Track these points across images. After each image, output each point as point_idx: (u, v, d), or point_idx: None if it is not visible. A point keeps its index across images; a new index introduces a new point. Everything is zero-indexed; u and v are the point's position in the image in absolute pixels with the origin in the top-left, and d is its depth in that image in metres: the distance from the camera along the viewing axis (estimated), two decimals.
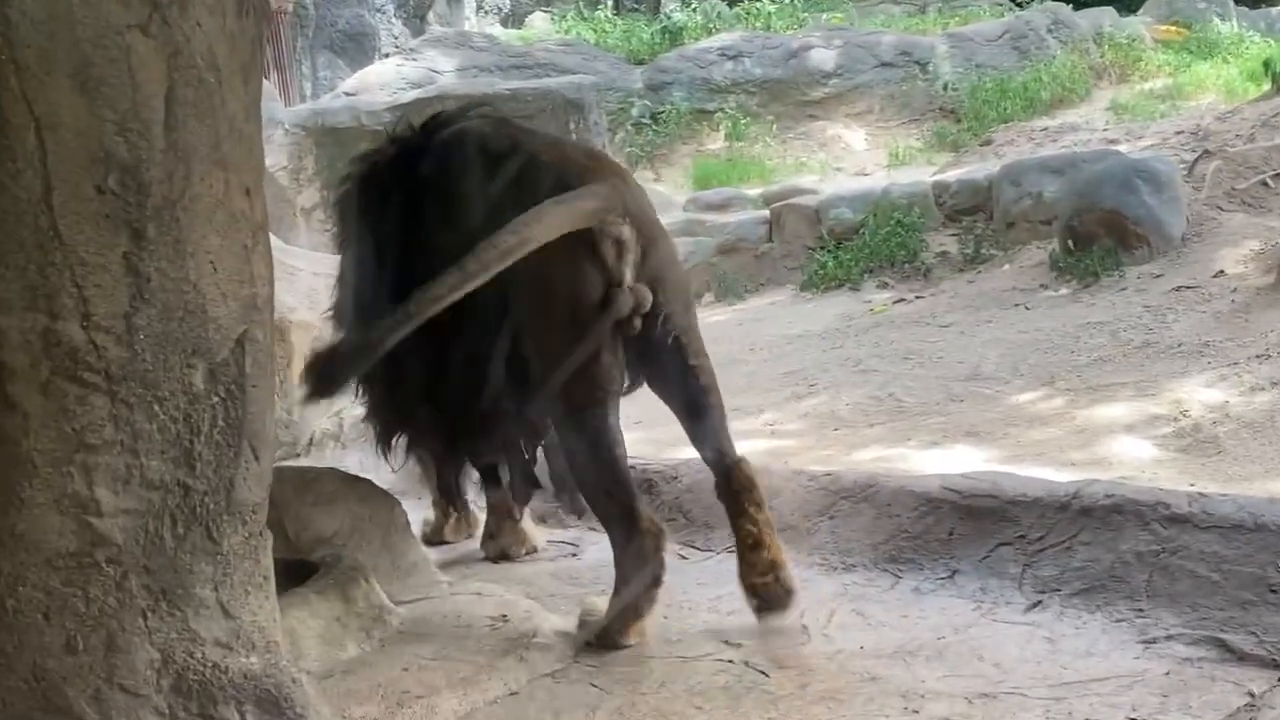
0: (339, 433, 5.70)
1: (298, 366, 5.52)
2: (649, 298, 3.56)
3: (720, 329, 9.58)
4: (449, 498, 4.53)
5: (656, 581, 3.46)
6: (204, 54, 2.25)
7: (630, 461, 4.70)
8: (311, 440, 5.72)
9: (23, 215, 2.14)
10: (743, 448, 5.77)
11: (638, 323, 3.56)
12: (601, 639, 3.45)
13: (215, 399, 2.27)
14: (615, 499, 3.57)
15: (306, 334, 5.47)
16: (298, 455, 5.54)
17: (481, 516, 4.69)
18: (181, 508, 2.29)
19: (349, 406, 5.75)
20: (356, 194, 4.03)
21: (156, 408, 2.24)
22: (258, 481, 2.39)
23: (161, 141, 2.22)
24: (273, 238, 5.46)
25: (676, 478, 4.58)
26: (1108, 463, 4.74)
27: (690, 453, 5.37)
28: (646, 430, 6.50)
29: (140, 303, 2.21)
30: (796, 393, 6.80)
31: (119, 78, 2.17)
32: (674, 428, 6.39)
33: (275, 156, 14.39)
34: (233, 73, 2.35)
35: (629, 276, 3.50)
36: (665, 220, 13.27)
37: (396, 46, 20.68)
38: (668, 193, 14.98)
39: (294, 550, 3.50)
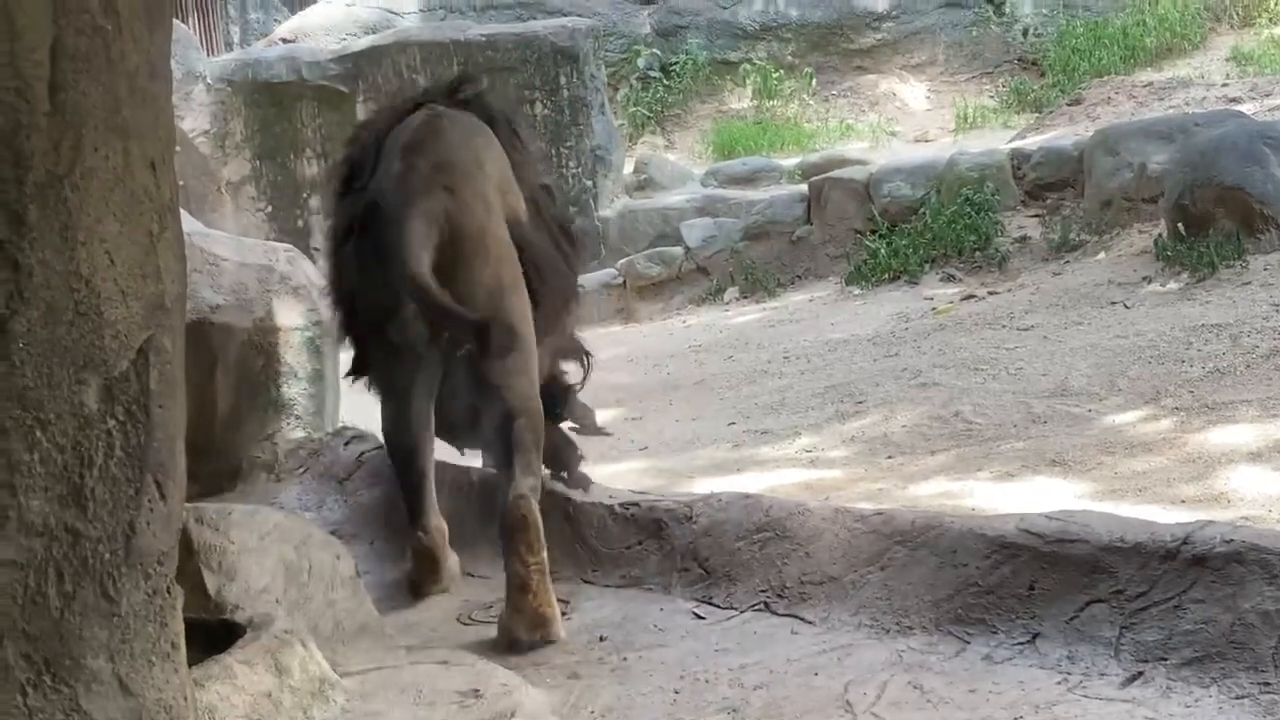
0: (274, 461, 5.71)
1: (222, 380, 5.53)
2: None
3: (746, 332, 9.59)
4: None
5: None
6: None
7: (635, 497, 4.72)
8: (239, 471, 5.72)
9: None
10: (775, 479, 5.84)
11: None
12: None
13: (112, 422, 2.26)
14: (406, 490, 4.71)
15: (232, 339, 5.47)
16: (221, 490, 5.54)
17: None
18: (70, 558, 2.27)
19: (284, 428, 5.76)
20: (347, 170, 4.89)
21: (38, 434, 2.23)
22: (165, 525, 2.37)
23: (45, 104, 2.21)
24: (189, 220, 5.47)
25: (691, 518, 4.57)
26: (1226, 499, 4.72)
27: (708, 486, 5.38)
28: (652, 457, 6.52)
29: (18, 303, 2.20)
30: (841, 412, 6.79)
31: None
32: (686, 456, 6.42)
33: (194, 119, 14.42)
34: (135, 17, 2.34)
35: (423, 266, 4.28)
36: (679, 196, 13.24)
37: None
38: (683, 163, 15.02)
39: (213, 609, 3.48)
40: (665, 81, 16.83)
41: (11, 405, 2.21)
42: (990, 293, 9.16)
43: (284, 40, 16.57)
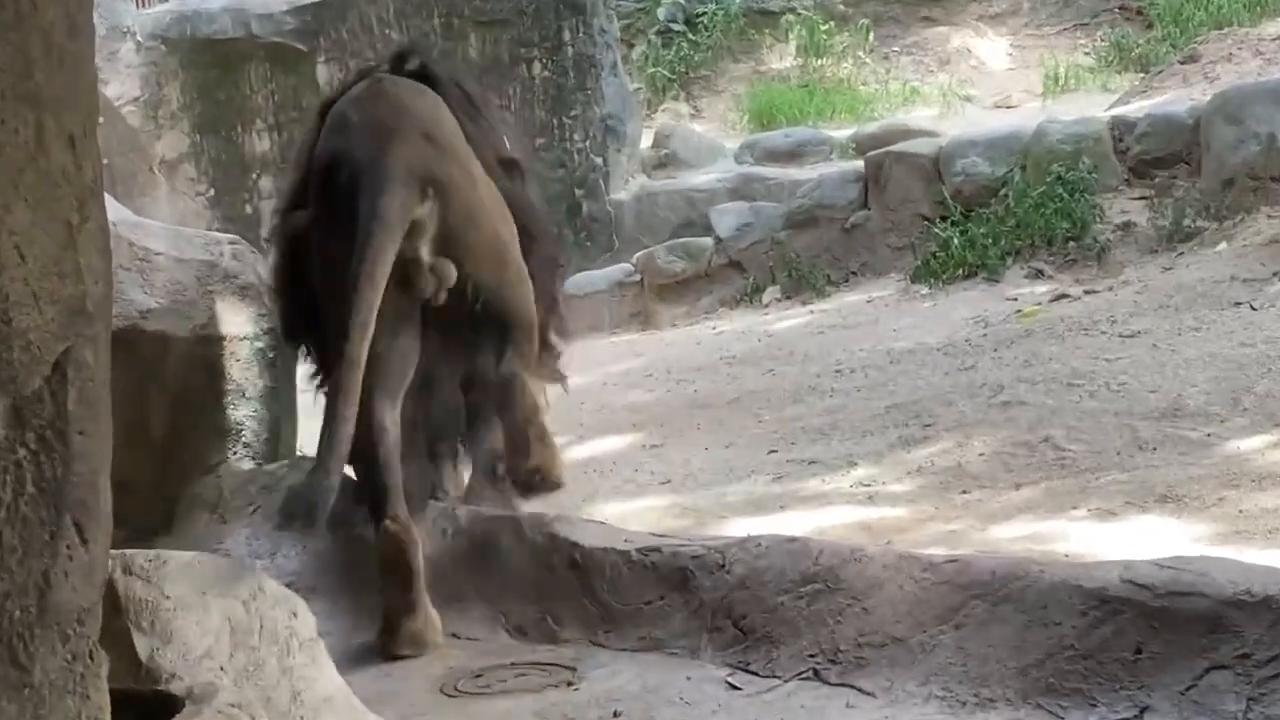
0: (218, 498, 5.72)
1: (155, 400, 5.55)
2: (452, 272, 5.18)
3: (790, 340, 9.58)
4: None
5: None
6: None
7: (656, 542, 4.73)
8: (175, 510, 5.73)
9: None
10: (825, 519, 5.83)
11: (442, 297, 5.18)
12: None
13: (22, 452, 2.25)
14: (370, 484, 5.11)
15: (168, 350, 5.50)
16: (154, 532, 5.55)
17: None
18: None
19: (230, 458, 5.77)
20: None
21: None
22: (86, 576, 2.37)
23: None
24: (115, 206, 5.49)
25: (724, 566, 4.57)
26: None
27: (745, 527, 5.37)
28: (677, 492, 6.52)
29: None
30: (905, 437, 6.78)
31: None
32: (718, 491, 6.42)
33: (121, 84, 14.44)
34: None
35: (425, 253, 5.11)
36: (708, 176, 13.34)
37: None
38: (712, 135, 15.04)
39: (145, 678, 3.48)
40: (690, 36, 16.84)
41: None
42: (1087, 292, 9.14)
43: None
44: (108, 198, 2.82)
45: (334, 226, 5.04)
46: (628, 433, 7.71)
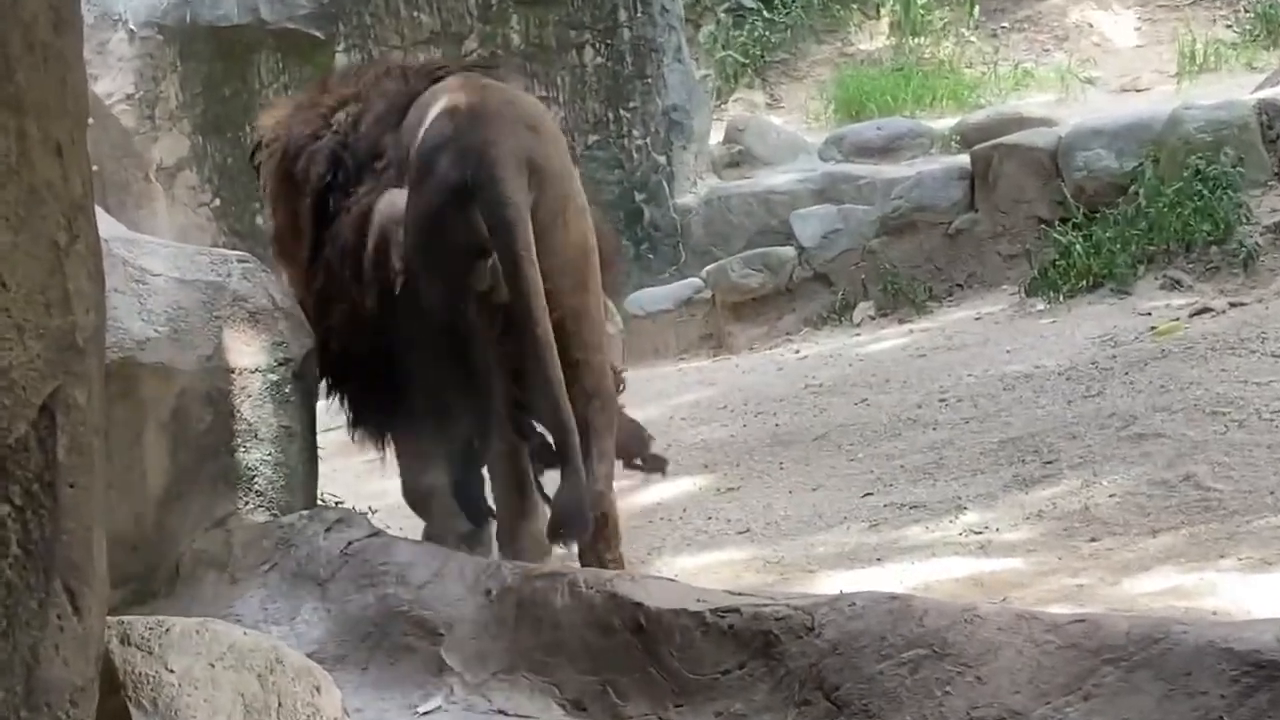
0: (227, 556, 5.74)
1: (154, 444, 5.58)
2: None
3: (886, 365, 9.56)
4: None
5: None
6: None
7: (734, 601, 4.72)
8: (179, 568, 5.76)
9: None
10: (930, 572, 5.80)
11: (504, 293, 5.67)
12: None
13: (5, 509, 2.25)
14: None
15: (168, 386, 5.52)
16: (154, 595, 5.58)
17: None
18: None
19: (241, 509, 5.80)
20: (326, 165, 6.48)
21: None
22: (80, 649, 2.38)
23: None
24: (107, 221, 5.53)
25: (813, 629, 4.55)
26: None
27: (837, 584, 5.36)
28: (757, 543, 6.51)
29: None
30: (1022, 476, 6.76)
31: None
32: (805, 541, 6.41)
33: (112, 79, 14.55)
34: None
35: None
36: (788, 175, 13.40)
37: None
38: (792, 129, 15.04)
39: None
40: (766, 14, 16.85)
41: None
42: (1232, 304, 9.08)
43: None
44: (99, 211, 2.83)
45: (443, 209, 5.76)
46: (699, 474, 7.71)
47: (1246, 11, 16.18)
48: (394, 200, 6.05)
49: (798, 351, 11.02)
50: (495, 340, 5.81)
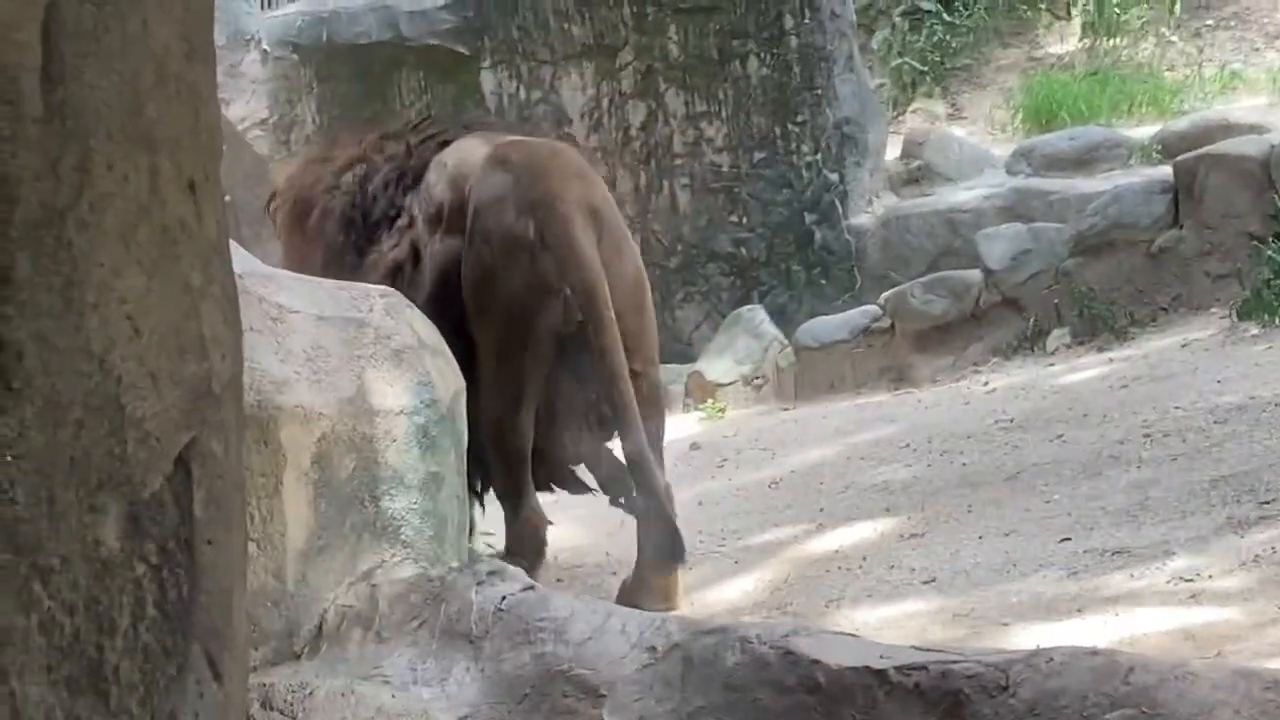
0: (372, 612, 5.79)
1: (293, 493, 5.64)
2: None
3: (1083, 398, 9.48)
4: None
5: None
6: None
7: (920, 657, 4.70)
8: (322, 626, 5.82)
9: None
10: (1136, 625, 5.74)
11: (571, 326, 6.99)
12: None
13: (141, 568, 2.28)
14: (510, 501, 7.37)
15: (307, 432, 5.58)
16: (296, 655, 5.63)
17: None
18: None
19: (387, 562, 5.85)
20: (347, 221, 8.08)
21: (36, 588, 2.26)
22: (219, 716, 2.39)
23: (36, 105, 2.26)
24: (241, 256, 5.61)
25: (1007, 687, 4.52)
26: None
27: (1032, 637, 5.32)
28: (944, 594, 6.48)
29: (5, 398, 2.25)
30: (1237, 518, 6.67)
31: None
32: (997, 591, 6.37)
33: (245, 103, 14.77)
34: None
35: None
36: (973, 192, 13.45)
37: None
38: (976, 141, 14.97)
39: None
40: (946, 16, 16.78)
41: None
42: None
43: None
44: (232, 245, 2.87)
45: (517, 257, 7.01)
46: (880, 519, 7.69)
47: None
48: (449, 250, 7.34)
49: (986, 384, 10.95)
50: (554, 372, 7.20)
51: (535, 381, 7.16)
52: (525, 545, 7.30)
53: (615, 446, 7.28)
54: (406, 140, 8.03)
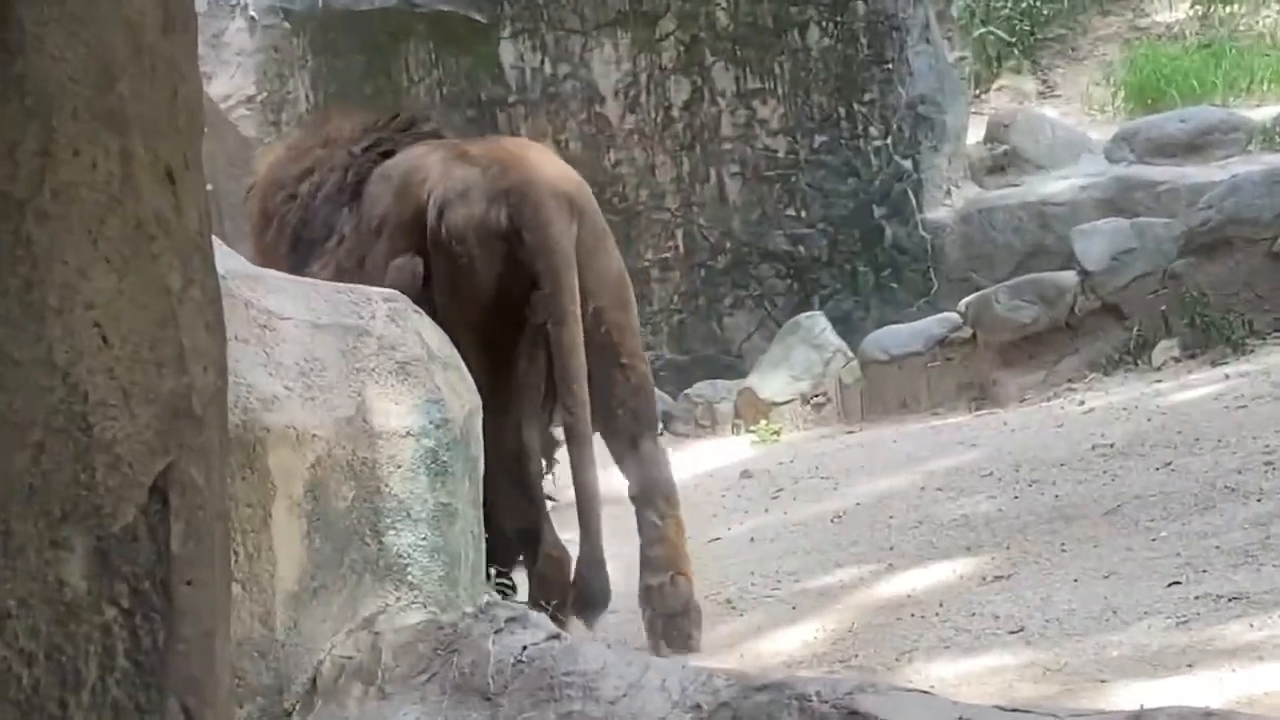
0: (375, 664, 5.81)
1: (284, 527, 5.66)
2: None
3: (1194, 419, 9.47)
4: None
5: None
6: None
7: (1011, 718, 4.70)
8: (316, 680, 5.84)
9: None
10: (1256, 681, 5.70)
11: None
12: None
13: (110, 612, 2.29)
14: (522, 516, 7.49)
15: (303, 457, 5.59)
16: (287, 713, 5.65)
17: None
18: None
19: (392, 606, 5.87)
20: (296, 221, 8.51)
21: None
22: None
23: None
24: (226, 254, 5.62)
25: None
26: None
27: (1135, 695, 5.32)
28: (1034, 645, 6.48)
29: None
30: None
31: None
32: (1094, 642, 6.38)
33: (229, 78, 14.78)
34: None
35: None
36: (1067, 181, 13.54)
37: None
38: (1071, 123, 14.95)
39: None
40: None
41: None
42: None
43: None
44: (215, 241, 2.88)
45: (495, 249, 7.45)
46: (959, 558, 7.69)
47: None
48: (400, 269, 7.67)
49: (1082, 403, 10.94)
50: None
51: (532, 382, 7.57)
52: (549, 585, 7.46)
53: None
54: (349, 150, 8.44)
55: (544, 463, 8.08)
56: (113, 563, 2.39)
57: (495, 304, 7.44)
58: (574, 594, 7.41)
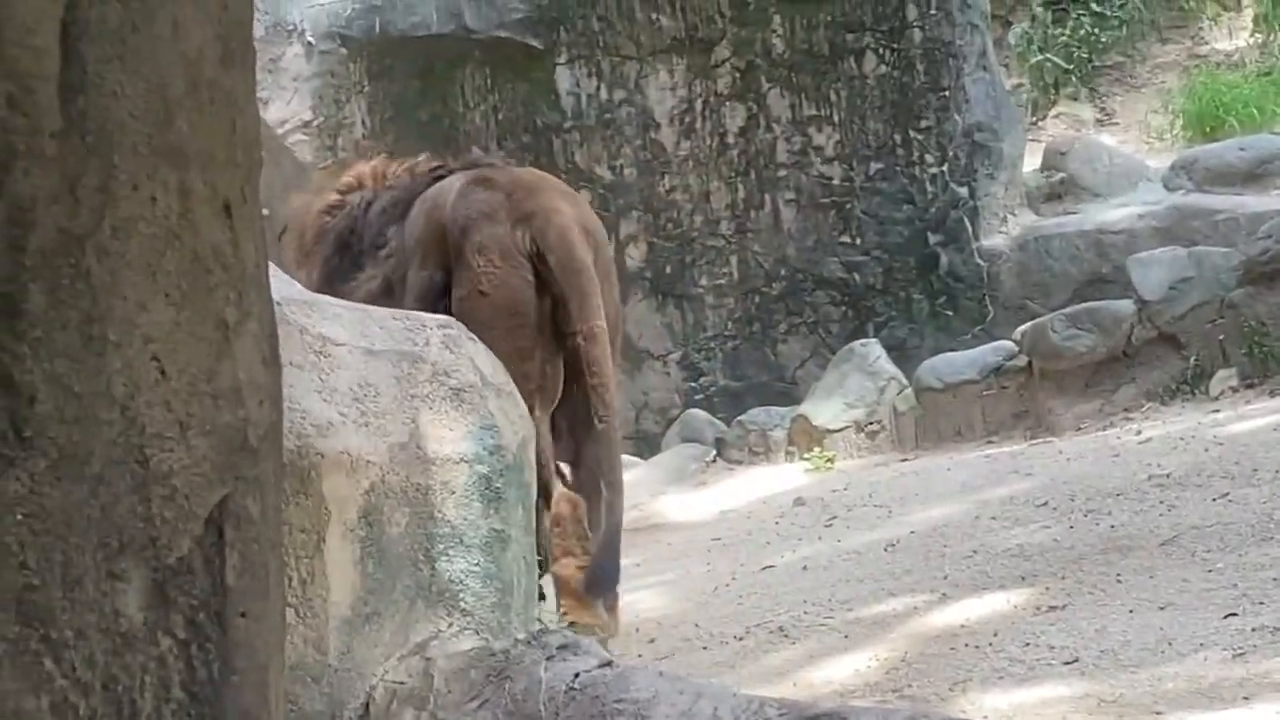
0: (426, 689, 5.81)
1: (336, 553, 5.67)
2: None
3: (1252, 450, 9.44)
4: None
5: None
6: None
7: None
8: (369, 706, 5.84)
9: None
10: None
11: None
12: None
13: (166, 643, 2.29)
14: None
15: (356, 483, 5.59)
16: None
17: None
18: None
19: (444, 633, 5.87)
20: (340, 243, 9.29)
21: (48, 664, 2.28)
22: None
23: (54, 117, 2.29)
24: (280, 280, 5.63)
25: None
26: None
27: None
28: (1089, 676, 6.46)
29: (15, 448, 2.27)
30: None
31: None
32: (1151, 674, 6.37)
33: (286, 103, 14.82)
34: None
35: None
36: (1124, 210, 13.55)
37: None
38: (1129, 150, 14.92)
39: None
40: (1095, 7, 16.75)
41: (6, 619, 2.30)
42: None
43: None
44: (271, 269, 2.88)
45: (506, 267, 8.21)
46: (1014, 588, 7.66)
47: None
48: (423, 282, 8.50)
49: (1139, 433, 10.90)
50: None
51: (549, 393, 8.31)
52: (563, 522, 8.20)
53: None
54: (411, 169, 9.35)
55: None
56: (169, 594, 2.39)
57: (519, 314, 8.12)
58: (587, 573, 7.95)
